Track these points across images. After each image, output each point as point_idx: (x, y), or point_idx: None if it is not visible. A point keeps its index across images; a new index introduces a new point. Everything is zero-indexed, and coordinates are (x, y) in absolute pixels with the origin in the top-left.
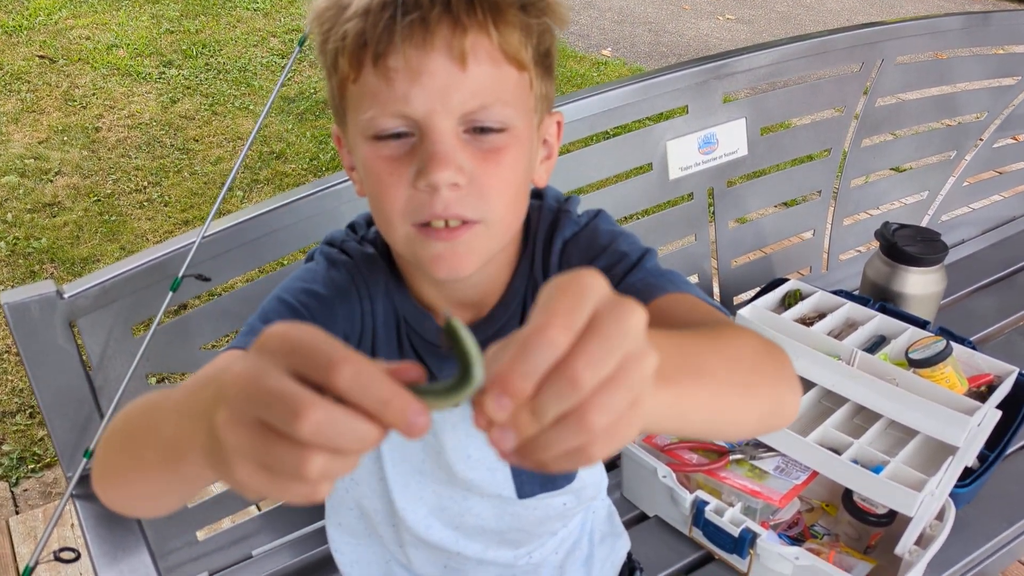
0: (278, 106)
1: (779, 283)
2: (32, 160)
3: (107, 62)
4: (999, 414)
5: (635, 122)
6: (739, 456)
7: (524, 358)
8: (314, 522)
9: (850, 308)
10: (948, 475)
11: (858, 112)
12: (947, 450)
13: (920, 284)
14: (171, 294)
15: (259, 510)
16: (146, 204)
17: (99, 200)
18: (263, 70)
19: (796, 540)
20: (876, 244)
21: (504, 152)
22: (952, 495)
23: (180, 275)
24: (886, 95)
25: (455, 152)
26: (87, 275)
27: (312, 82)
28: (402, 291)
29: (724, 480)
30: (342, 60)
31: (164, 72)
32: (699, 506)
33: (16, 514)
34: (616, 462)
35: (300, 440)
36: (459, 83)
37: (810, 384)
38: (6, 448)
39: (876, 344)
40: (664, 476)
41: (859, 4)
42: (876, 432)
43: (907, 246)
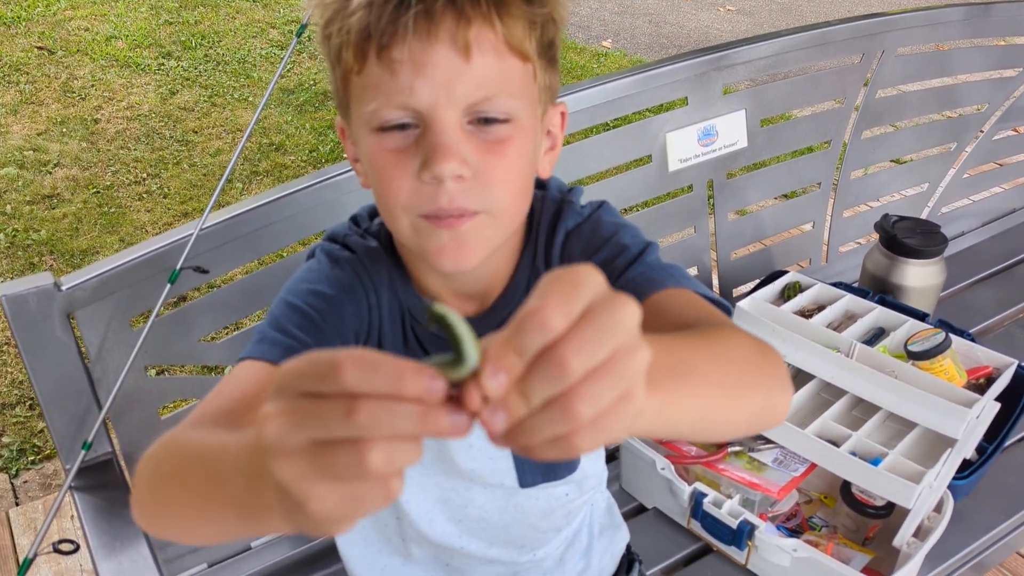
0: (277, 98)
1: (778, 275)
2: (31, 152)
3: (106, 53)
4: (998, 406)
5: (635, 114)
6: (738, 448)
7: (518, 336)
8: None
9: (849, 300)
10: (946, 467)
11: (858, 104)
12: (946, 442)
13: (919, 276)
14: (169, 286)
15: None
16: (145, 196)
17: (98, 192)
18: (262, 61)
19: (794, 532)
20: (876, 236)
21: (508, 143)
22: (950, 487)
23: (178, 267)
24: (886, 87)
25: (459, 144)
26: (85, 267)
27: (311, 73)
28: (406, 284)
29: (722, 472)
30: (346, 52)
31: (163, 63)
32: (697, 498)
33: (16, 505)
34: (615, 454)
35: (359, 436)
36: (463, 74)
37: (809, 376)
38: (6, 440)
39: (875, 336)
40: (663, 468)
41: None
42: (875, 424)
43: (907, 238)
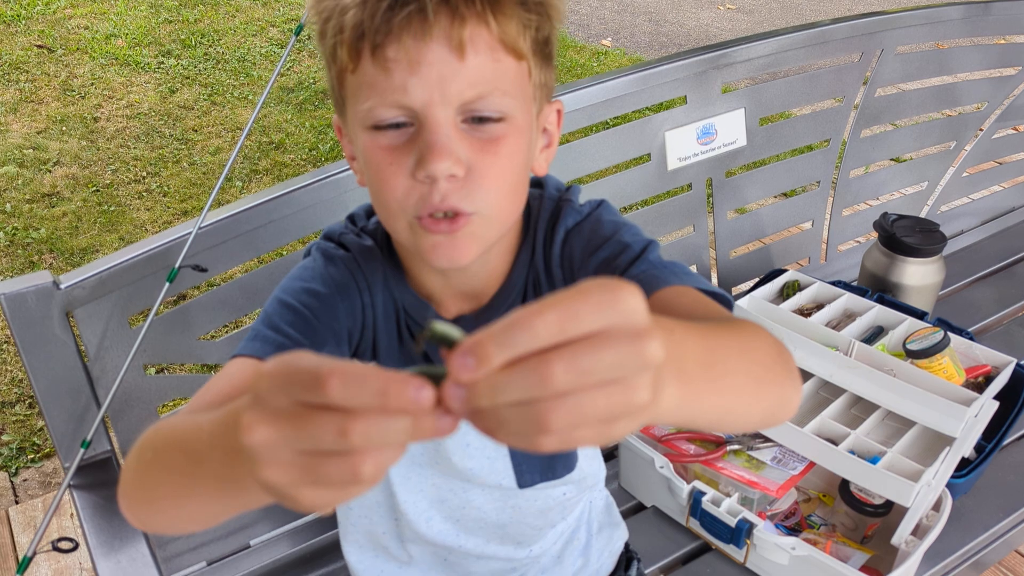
0: (277, 96)
1: (777, 274)
2: (31, 150)
3: (106, 52)
4: (996, 405)
5: (634, 112)
6: (736, 447)
7: (505, 330)
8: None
9: (848, 299)
10: (945, 466)
11: (857, 102)
12: (944, 441)
13: (918, 275)
14: (168, 284)
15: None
16: (145, 194)
17: (98, 190)
18: (262, 60)
19: (793, 530)
20: (875, 235)
21: (502, 142)
22: (949, 485)
23: (177, 266)
24: (886, 85)
25: (453, 142)
26: (84, 265)
27: (311, 72)
28: (401, 282)
29: (721, 470)
30: (341, 51)
31: (163, 62)
32: (696, 496)
33: (16, 504)
34: (614, 452)
35: (350, 450)
36: (457, 73)
37: (808, 375)
38: (5, 438)
39: (874, 335)
40: (661, 466)
41: None
42: (873, 423)
43: (906, 237)
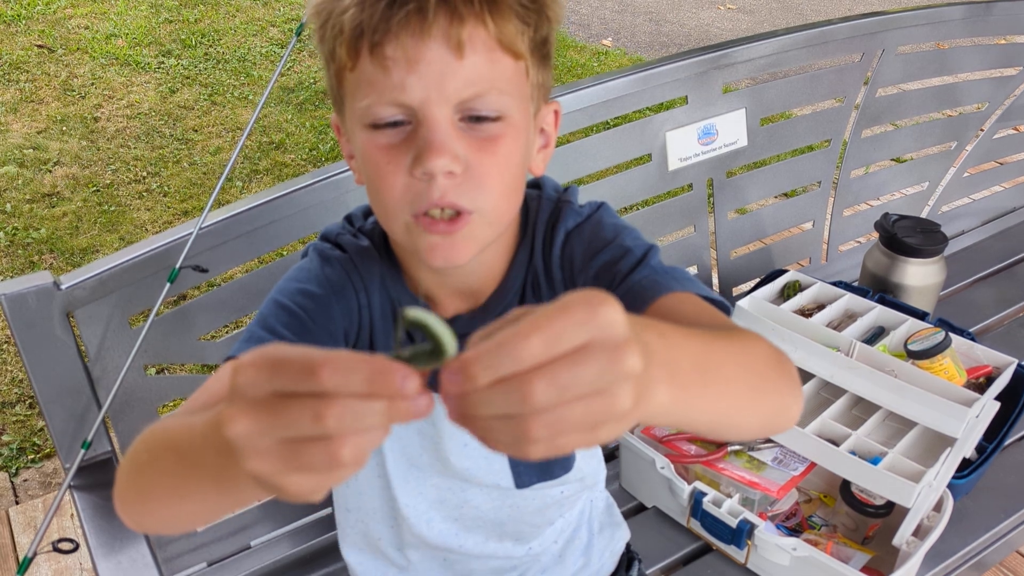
0: (277, 96)
1: (778, 274)
2: (31, 150)
3: (106, 51)
4: (997, 405)
5: (634, 112)
6: (737, 447)
7: (492, 354)
8: (312, 513)
9: (849, 299)
10: (946, 466)
11: (858, 102)
12: (945, 441)
13: (919, 275)
14: (168, 285)
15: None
16: (145, 194)
17: (98, 190)
18: (262, 60)
19: (794, 531)
20: (876, 235)
21: (500, 141)
22: (950, 486)
23: (177, 266)
24: (887, 85)
25: (450, 140)
26: (84, 266)
27: (311, 72)
28: (398, 282)
29: (722, 471)
30: (340, 49)
31: (163, 62)
32: (697, 497)
33: (16, 504)
34: (615, 453)
35: (327, 435)
36: (455, 71)
37: (808, 375)
38: (6, 438)
39: (875, 335)
40: (662, 467)
41: None
42: (874, 423)
43: (907, 237)
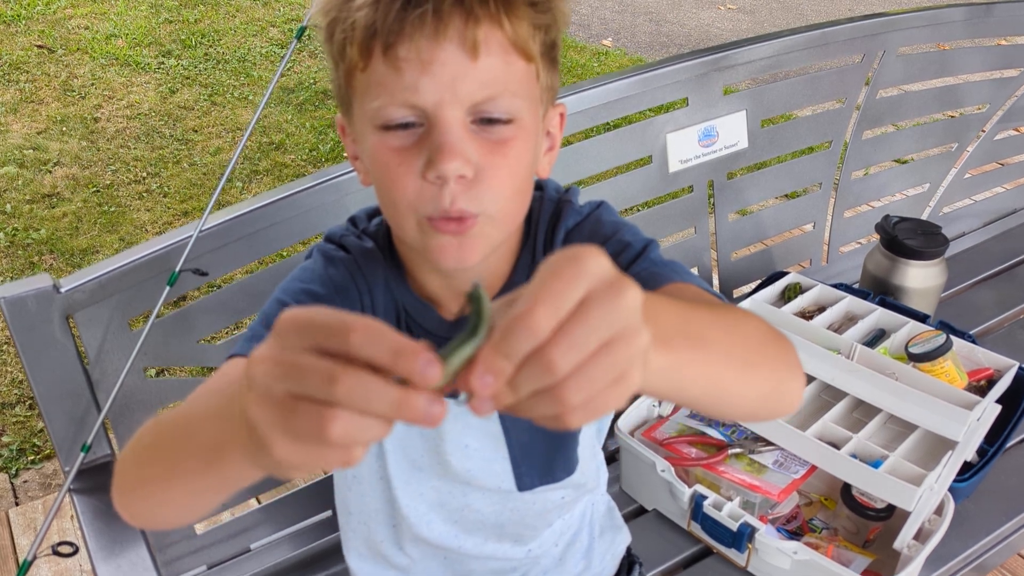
0: (277, 96)
1: (779, 276)
2: (31, 150)
3: (106, 52)
4: (999, 408)
5: (635, 114)
6: (738, 450)
7: (507, 342)
8: (313, 516)
9: (850, 302)
10: (947, 469)
11: (859, 104)
12: (946, 444)
13: (920, 277)
14: (168, 288)
15: (259, 503)
16: (145, 195)
17: (98, 191)
18: (262, 60)
19: (794, 534)
20: (876, 237)
21: (511, 144)
22: (951, 489)
23: (177, 269)
24: (887, 86)
25: (463, 143)
26: (84, 269)
27: (312, 72)
28: (403, 284)
29: (723, 474)
30: (351, 49)
31: (163, 62)
32: (697, 500)
33: (16, 505)
34: (615, 455)
35: (333, 403)
36: (469, 73)
37: (809, 378)
38: (6, 439)
39: (876, 338)
40: (663, 470)
41: None
42: (875, 426)
43: (907, 239)
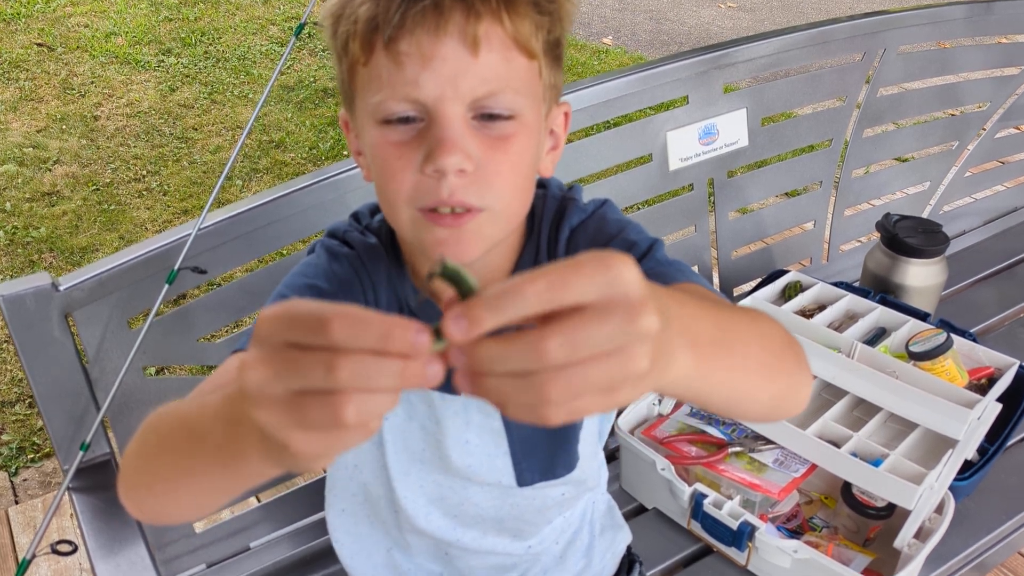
0: (277, 95)
1: (779, 275)
2: (31, 149)
3: (105, 50)
4: (999, 407)
5: (635, 112)
6: (738, 449)
7: (497, 296)
8: (312, 514)
9: (850, 300)
10: (948, 468)
11: (860, 102)
12: (947, 443)
13: (921, 276)
14: (167, 287)
15: (258, 501)
16: (145, 193)
17: (98, 189)
18: (262, 58)
19: (795, 533)
20: (877, 235)
21: (512, 140)
22: (952, 488)
23: (176, 267)
24: (888, 85)
25: (463, 138)
26: (82, 267)
27: (311, 70)
28: (405, 280)
29: (723, 473)
30: (353, 44)
31: (163, 60)
32: (698, 499)
33: (16, 504)
34: (615, 454)
35: (337, 389)
36: (470, 69)
37: None
38: (5, 438)
39: (876, 336)
40: (663, 469)
41: None
42: (876, 425)
43: (908, 237)
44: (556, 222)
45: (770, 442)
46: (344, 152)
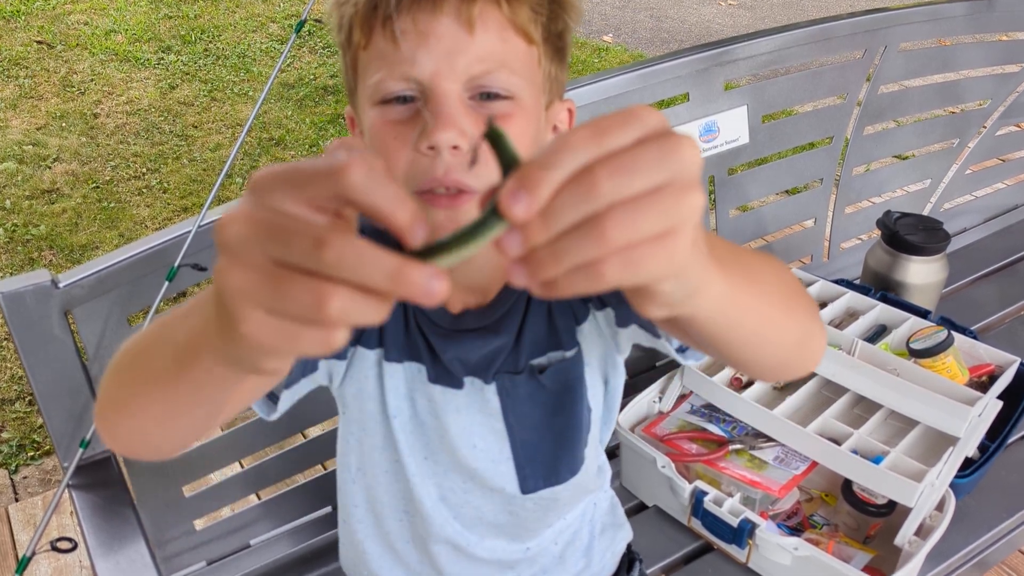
0: (277, 92)
1: None
2: (30, 146)
3: (105, 48)
4: (1000, 404)
5: None
6: (738, 446)
7: (546, 155)
8: (313, 511)
9: (851, 297)
10: (948, 466)
11: (860, 99)
12: (948, 440)
13: (922, 273)
14: (167, 284)
15: (259, 499)
16: (145, 191)
17: (98, 187)
18: (262, 56)
19: (795, 530)
20: (878, 233)
21: (509, 120)
22: (952, 485)
23: (176, 264)
24: (889, 82)
25: (459, 115)
26: (82, 264)
27: (311, 68)
28: None
29: (723, 470)
30: (355, 30)
31: (163, 58)
32: (698, 496)
33: (16, 501)
34: (615, 452)
35: (322, 271)
36: (466, 47)
37: (810, 374)
38: (5, 435)
39: (877, 334)
40: (663, 466)
41: None
42: (876, 422)
43: (909, 235)
44: None
45: (770, 439)
46: None
